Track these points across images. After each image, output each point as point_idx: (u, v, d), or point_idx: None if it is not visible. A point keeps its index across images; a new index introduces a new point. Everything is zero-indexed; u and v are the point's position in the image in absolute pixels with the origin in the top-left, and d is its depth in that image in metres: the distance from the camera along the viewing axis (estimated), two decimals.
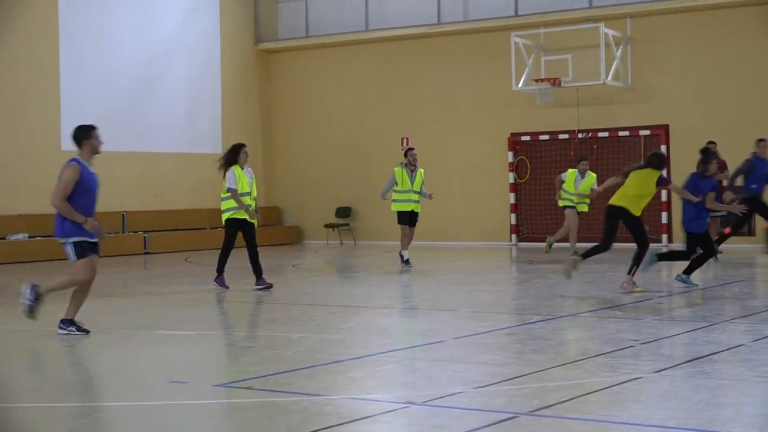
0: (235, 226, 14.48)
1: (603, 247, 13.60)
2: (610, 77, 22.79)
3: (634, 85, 23.30)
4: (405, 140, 25.25)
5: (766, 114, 21.85)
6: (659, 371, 7.87)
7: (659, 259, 14.05)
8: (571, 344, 9.24)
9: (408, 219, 18.18)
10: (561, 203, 19.25)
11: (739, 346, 8.98)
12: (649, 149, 21.82)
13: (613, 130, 23.54)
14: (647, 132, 23.18)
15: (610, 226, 13.57)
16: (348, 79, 27.05)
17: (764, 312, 11.30)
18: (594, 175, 18.95)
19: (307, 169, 27.50)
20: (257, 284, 14.46)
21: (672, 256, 14.50)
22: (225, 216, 14.54)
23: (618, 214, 13.46)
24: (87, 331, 10.32)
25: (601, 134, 23.67)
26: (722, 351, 8.71)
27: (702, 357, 8.46)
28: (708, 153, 13.67)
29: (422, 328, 11.20)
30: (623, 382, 7.46)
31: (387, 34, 26.27)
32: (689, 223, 13.55)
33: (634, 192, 13.40)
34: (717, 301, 12.54)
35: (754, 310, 11.51)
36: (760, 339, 9.32)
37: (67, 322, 10.36)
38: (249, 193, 14.43)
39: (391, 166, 19.50)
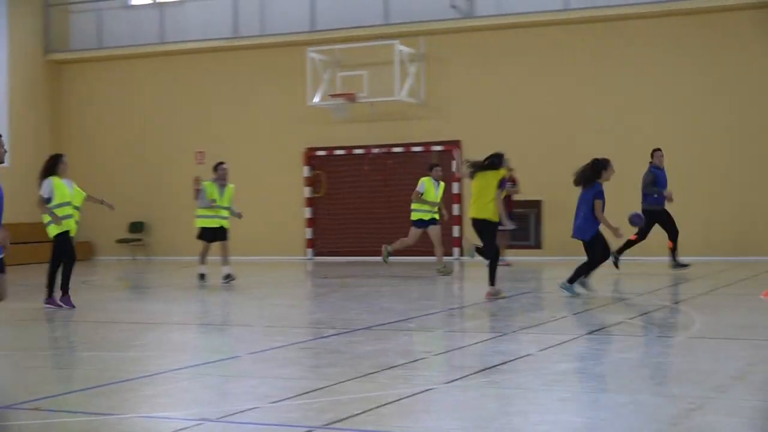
0: (63, 238, 13.97)
1: (490, 252, 13.88)
2: (404, 93, 23.21)
3: (427, 101, 23.78)
4: (200, 154, 25.00)
5: (555, 129, 22.69)
6: (450, 382, 8.04)
7: (570, 282, 13.91)
8: (365, 357, 9.32)
9: (213, 235, 17.72)
10: (417, 216, 18.46)
11: (527, 355, 9.27)
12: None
13: (407, 145, 23.96)
14: (440, 147, 23.69)
15: (484, 236, 13.84)
16: (142, 92, 26.56)
17: (551, 322, 11.72)
18: (443, 184, 18.84)
19: (99, 183, 26.63)
20: (62, 300, 13.99)
21: (581, 271, 13.98)
22: (50, 229, 14.02)
23: (485, 225, 13.72)
24: None
25: (395, 149, 24.06)
26: (511, 360, 8.97)
27: (492, 367, 8.69)
28: (601, 162, 13.83)
29: (217, 344, 11.11)
30: (416, 394, 7.58)
31: (182, 47, 25.94)
32: (581, 230, 13.81)
33: (487, 198, 13.68)
34: (506, 312, 12.91)
35: (541, 320, 11.91)
36: (546, 348, 9.65)
37: None
38: (70, 203, 14.02)
39: (186, 181, 19.22)
